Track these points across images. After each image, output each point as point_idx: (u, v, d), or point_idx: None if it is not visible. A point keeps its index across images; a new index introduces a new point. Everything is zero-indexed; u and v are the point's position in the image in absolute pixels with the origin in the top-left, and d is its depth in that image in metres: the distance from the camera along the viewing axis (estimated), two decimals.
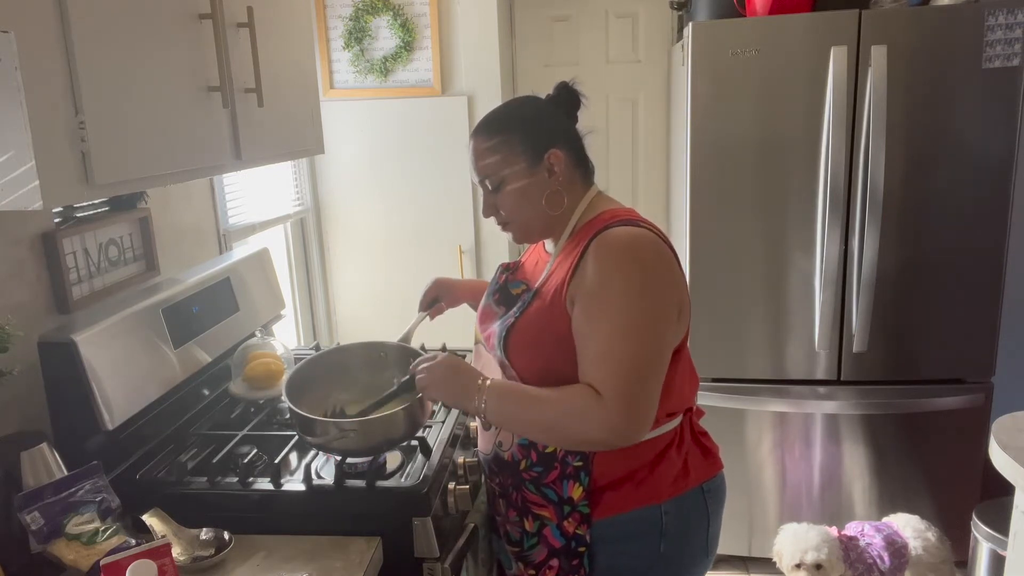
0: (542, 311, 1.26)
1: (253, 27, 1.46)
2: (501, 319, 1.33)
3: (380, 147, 2.92)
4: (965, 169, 2.31)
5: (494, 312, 1.36)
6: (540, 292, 1.28)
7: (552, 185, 1.29)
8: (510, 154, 1.27)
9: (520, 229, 1.33)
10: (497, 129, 1.29)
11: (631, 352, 1.16)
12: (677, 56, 2.70)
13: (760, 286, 2.47)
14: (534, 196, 1.28)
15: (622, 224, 1.23)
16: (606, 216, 1.27)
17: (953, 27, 2.23)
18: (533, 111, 1.33)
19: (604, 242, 1.21)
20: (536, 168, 1.28)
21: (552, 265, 1.31)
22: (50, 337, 1.33)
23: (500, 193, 1.29)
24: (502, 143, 1.28)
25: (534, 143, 1.28)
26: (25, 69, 0.92)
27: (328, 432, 1.32)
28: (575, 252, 1.25)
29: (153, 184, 1.22)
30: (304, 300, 2.97)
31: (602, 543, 1.29)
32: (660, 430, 1.29)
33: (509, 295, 1.34)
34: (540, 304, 1.27)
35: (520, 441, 1.31)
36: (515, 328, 1.28)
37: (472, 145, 1.32)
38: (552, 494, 1.30)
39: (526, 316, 1.28)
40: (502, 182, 1.28)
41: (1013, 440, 1.62)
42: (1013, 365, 2.70)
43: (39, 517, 1.13)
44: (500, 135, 1.28)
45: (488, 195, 1.32)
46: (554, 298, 1.25)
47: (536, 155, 1.28)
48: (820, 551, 2.14)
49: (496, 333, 1.32)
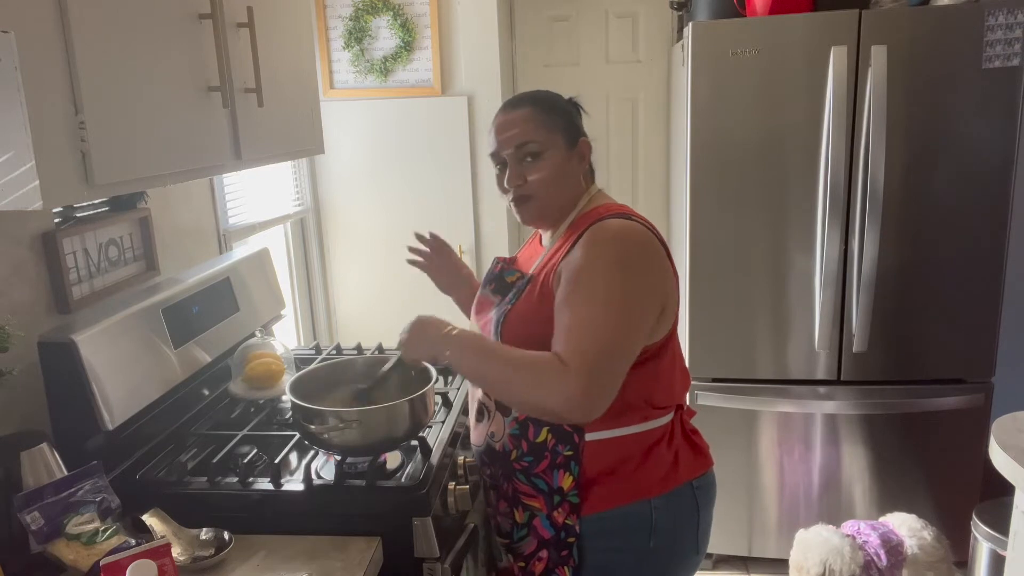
0: (534, 297, 1.29)
1: (253, 27, 1.46)
2: (497, 306, 1.35)
3: (380, 147, 2.92)
4: (965, 169, 2.31)
5: (490, 301, 1.39)
6: (534, 278, 1.32)
7: (581, 170, 1.37)
8: (555, 129, 1.33)
9: (539, 207, 1.35)
10: (546, 104, 1.35)
11: (602, 328, 1.16)
12: (677, 56, 2.70)
13: (760, 286, 2.47)
14: (566, 174, 1.34)
15: (616, 216, 1.28)
16: (601, 210, 1.32)
17: (953, 27, 2.23)
18: (567, 104, 1.41)
19: (596, 229, 1.26)
20: (571, 151, 1.35)
21: (547, 254, 1.35)
22: (50, 337, 1.33)
23: (537, 163, 1.32)
24: (550, 118, 1.33)
25: (572, 128, 1.37)
26: (25, 69, 0.92)
27: (327, 422, 1.32)
28: (569, 241, 1.29)
29: (153, 184, 1.22)
30: (304, 300, 2.97)
31: (592, 539, 1.30)
32: (650, 424, 1.30)
33: (504, 283, 1.38)
34: (533, 289, 1.30)
35: (511, 431, 1.32)
36: (511, 314, 1.30)
37: (516, 114, 1.34)
38: (542, 484, 1.31)
39: (521, 302, 1.31)
40: (541, 153, 1.32)
41: (1013, 440, 1.62)
42: (1013, 365, 2.70)
43: (39, 517, 1.13)
44: (550, 111, 1.34)
45: (518, 164, 1.34)
46: (543, 282, 1.28)
47: (573, 139, 1.36)
48: (856, 560, 2.14)
49: (492, 320, 1.34)
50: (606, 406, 1.16)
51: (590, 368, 1.13)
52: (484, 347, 1.25)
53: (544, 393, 1.15)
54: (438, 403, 1.67)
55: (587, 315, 1.17)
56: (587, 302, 1.18)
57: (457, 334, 1.26)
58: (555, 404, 1.14)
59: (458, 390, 1.75)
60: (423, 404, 1.40)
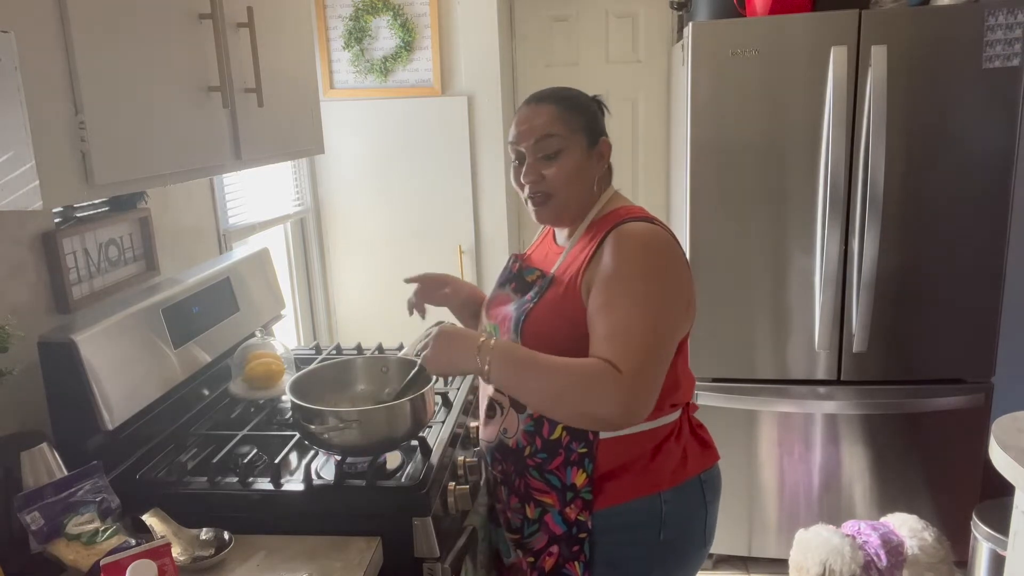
0: (558, 297, 1.29)
1: (253, 27, 1.46)
2: (517, 303, 1.35)
3: (380, 147, 2.92)
4: (965, 169, 2.31)
5: (509, 298, 1.38)
6: (556, 279, 1.31)
7: (600, 170, 1.36)
8: (577, 127, 1.32)
9: (558, 204, 1.34)
10: (568, 102, 1.34)
11: (648, 332, 1.17)
12: (677, 56, 2.70)
13: (760, 286, 2.47)
14: (584, 173, 1.34)
15: (638, 220, 1.29)
16: (622, 212, 1.33)
17: (953, 27, 2.23)
18: (591, 102, 1.40)
19: (623, 233, 1.26)
20: (591, 150, 1.34)
21: (567, 255, 1.34)
22: (50, 337, 1.33)
23: (556, 160, 1.32)
24: (573, 116, 1.33)
25: (594, 127, 1.36)
26: (25, 69, 0.92)
27: (327, 422, 1.32)
28: (592, 244, 1.29)
29: (153, 184, 1.22)
30: (304, 300, 2.97)
31: (604, 533, 1.31)
32: (662, 420, 1.32)
33: (524, 281, 1.37)
34: (556, 290, 1.30)
35: (526, 428, 1.32)
36: (532, 313, 1.30)
37: (539, 108, 1.33)
38: (556, 480, 1.31)
39: (543, 302, 1.30)
40: (562, 150, 1.32)
41: (1013, 440, 1.62)
42: (1013, 365, 2.70)
43: (39, 517, 1.13)
44: (573, 109, 1.34)
45: (537, 161, 1.33)
46: (569, 285, 1.28)
47: (594, 138, 1.35)
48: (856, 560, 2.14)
49: (512, 316, 1.33)
50: (651, 409, 1.17)
51: (643, 372, 1.14)
52: (527, 356, 1.20)
53: (597, 400, 1.13)
54: (438, 403, 1.67)
55: (630, 321, 1.17)
56: (628, 307, 1.18)
57: (495, 344, 1.20)
58: (607, 410, 1.13)
59: (458, 390, 1.75)
60: (423, 404, 1.40)
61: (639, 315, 1.17)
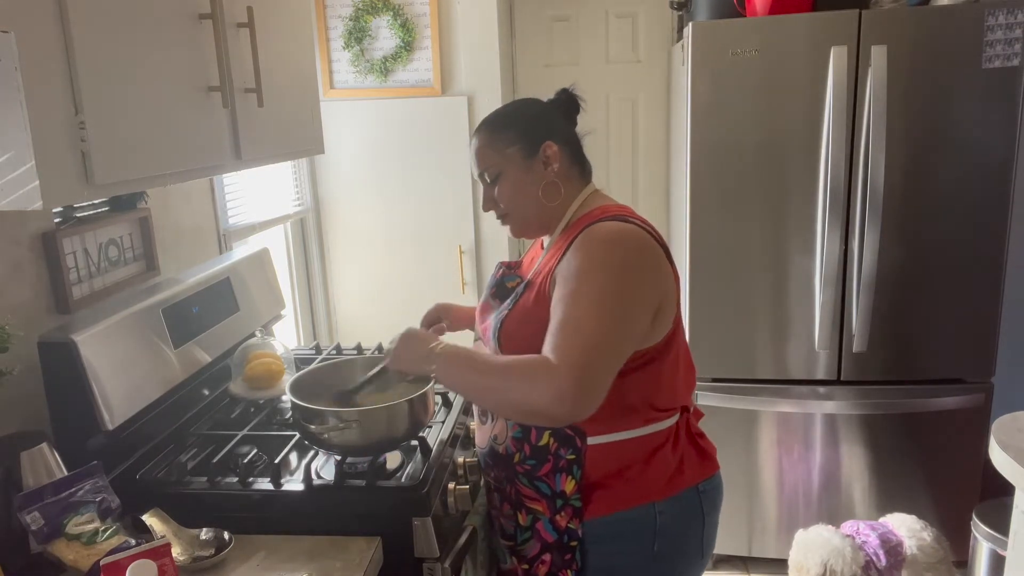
0: (530, 302, 1.29)
1: (253, 27, 1.46)
2: (496, 312, 1.35)
3: (380, 147, 2.92)
4: (965, 169, 2.31)
5: (491, 306, 1.39)
6: (530, 283, 1.32)
7: (548, 177, 1.34)
8: (507, 146, 1.33)
9: (517, 221, 1.38)
10: (496, 124, 1.36)
11: (593, 325, 1.14)
12: (677, 56, 2.70)
13: (760, 286, 2.47)
14: (530, 187, 1.33)
15: (612, 219, 1.26)
16: (597, 212, 1.31)
17: (953, 27, 2.23)
18: (531, 109, 1.40)
19: (590, 232, 1.24)
20: (532, 160, 1.33)
21: (542, 259, 1.35)
22: (50, 337, 1.33)
23: (498, 184, 1.35)
24: (500, 136, 1.34)
25: (531, 136, 1.33)
26: (25, 69, 0.92)
27: (327, 422, 1.32)
28: (564, 244, 1.28)
29: (153, 184, 1.22)
30: (304, 300, 2.97)
31: (596, 542, 1.30)
32: (653, 427, 1.30)
33: (505, 289, 1.38)
34: (528, 295, 1.30)
35: (514, 434, 1.32)
36: (507, 319, 1.30)
37: (473, 142, 1.37)
38: (545, 487, 1.30)
39: (517, 308, 1.30)
40: (500, 173, 1.34)
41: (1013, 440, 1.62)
42: (1013, 365, 2.70)
43: (39, 517, 1.13)
44: (499, 130, 1.35)
45: (487, 188, 1.38)
46: (539, 288, 1.28)
47: (532, 147, 1.33)
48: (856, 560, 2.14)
49: (491, 326, 1.33)
50: (596, 405, 1.13)
51: (580, 363, 1.11)
52: (470, 358, 1.23)
53: (532, 392, 1.12)
54: (438, 403, 1.67)
55: (575, 315, 1.16)
56: (576, 303, 1.17)
57: (442, 350, 1.25)
58: (542, 401, 1.11)
59: None
60: (423, 404, 1.40)
61: (587, 309, 1.15)
